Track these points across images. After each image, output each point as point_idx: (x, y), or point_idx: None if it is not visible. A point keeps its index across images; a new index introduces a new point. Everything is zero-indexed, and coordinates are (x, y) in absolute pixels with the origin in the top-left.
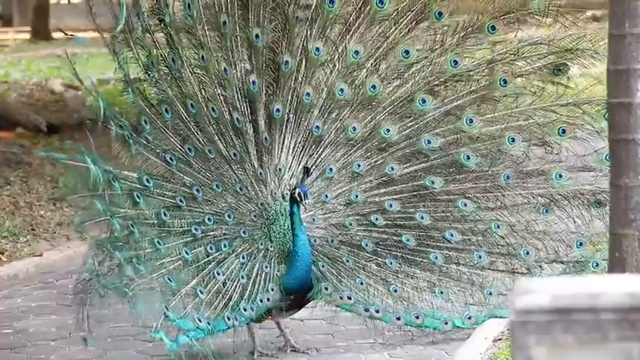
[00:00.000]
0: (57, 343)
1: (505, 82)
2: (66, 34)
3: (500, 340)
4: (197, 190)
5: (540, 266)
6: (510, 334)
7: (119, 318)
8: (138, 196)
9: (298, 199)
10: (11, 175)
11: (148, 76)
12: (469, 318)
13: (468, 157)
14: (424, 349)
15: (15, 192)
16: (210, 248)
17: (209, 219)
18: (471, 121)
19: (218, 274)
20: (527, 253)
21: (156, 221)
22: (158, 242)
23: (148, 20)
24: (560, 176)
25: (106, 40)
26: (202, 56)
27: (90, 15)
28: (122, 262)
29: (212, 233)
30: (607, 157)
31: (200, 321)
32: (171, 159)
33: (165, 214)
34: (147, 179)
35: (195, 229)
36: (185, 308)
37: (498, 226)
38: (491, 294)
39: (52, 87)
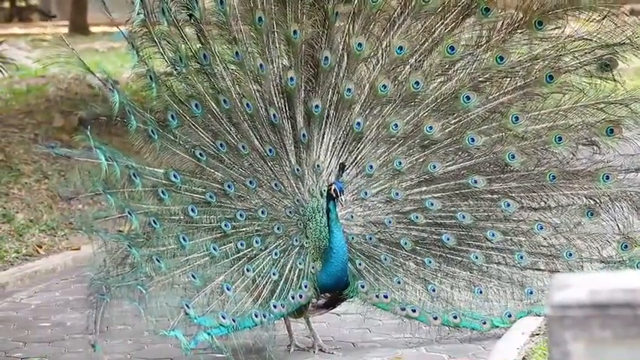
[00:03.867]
0: (94, 336)
1: (551, 78)
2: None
3: (537, 335)
4: (229, 186)
5: (582, 266)
6: (547, 329)
7: (155, 312)
8: (163, 192)
9: (334, 196)
10: (49, 169)
11: (176, 71)
12: (509, 316)
13: (513, 156)
14: (461, 345)
15: (53, 186)
16: (241, 244)
17: (241, 215)
18: (517, 118)
19: (248, 270)
20: (570, 254)
21: (182, 217)
22: (184, 239)
23: (175, 15)
24: (607, 177)
25: (124, 33)
26: (236, 52)
27: (104, 8)
28: (139, 260)
29: (244, 229)
30: None
31: (224, 318)
32: (201, 154)
33: (193, 210)
34: (174, 175)
35: (226, 225)
36: (208, 305)
37: (541, 227)
38: (531, 292)
39: (90, 81)
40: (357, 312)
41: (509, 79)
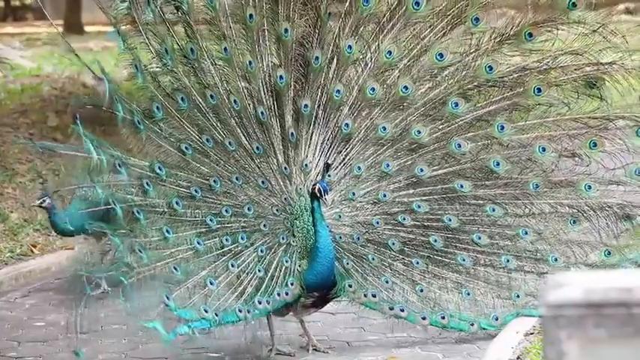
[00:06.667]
0: (88, 336)
1: (539, 90)
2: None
3: (532, 334)
4: (214, 182)
5: (569, 270)
6: (542, 328)
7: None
8: (147, 183)
9: (318, 195)
10: (44, 169)
11: (162, 63)
12: (496, 319)
13: (498, 164)
14: (456, 344)
15: (47, 185)
16: (226, 240)
17: (227, 211)
18: (502, 127)
19: (232, 266)
20: (556, 259)
21: (167, 210)
22: (167, 231)
23: (161, 7)
24: (590, 187)
25: (111, 20)
26: (225, 48)
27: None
28: (121, 249)
29: (229, 225)
30: (636, 172)
31: (206, 312)
32: (186, 148)
33: (177, 204)
34: (159, 167)
35: (211, 220)
36: (190, 299)
37: (526, 233)
38: (518, 296)
39: (84, 80)
40: (351, 311)
41: (497, 88)
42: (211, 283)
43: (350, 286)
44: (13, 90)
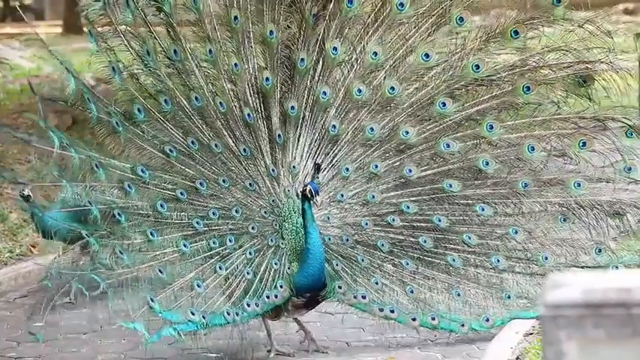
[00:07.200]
0: (88, 336)
1: (528, 89)
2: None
3: (531, 334)
4: (201, 184)
5: (560, 270)
6: (541, 329)
7: (150, 312)
8: (129, 186)
9: (309, 196)
10: (43, 169)
11: (144, 65)
12: (487, 320)
13: (487, 163)
14: (455, 344)
15: (47, 185)
16: (214, 242)
17: (214, 213)
18: (491, 127)
19: (220, 268)
20: (546, 258)
21: (151, 213)
22: (152, 234)
23: (142, 8)
24: (579, 185)
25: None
26: (210, 50)
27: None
28: (98, 250)
29: (217, 228)
30: (625, 170)
31: (193, 314)
32: (170, 150)
33: (162, 206)
34: (142, 170)
35: (197, 223)
36: (176, 301)
37: (516, 232)
38: (509, 297)
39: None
40: (350, 311)
41: (485, 87)
42: (198, 286)
43: (340, 287)
44: (13, 90)
